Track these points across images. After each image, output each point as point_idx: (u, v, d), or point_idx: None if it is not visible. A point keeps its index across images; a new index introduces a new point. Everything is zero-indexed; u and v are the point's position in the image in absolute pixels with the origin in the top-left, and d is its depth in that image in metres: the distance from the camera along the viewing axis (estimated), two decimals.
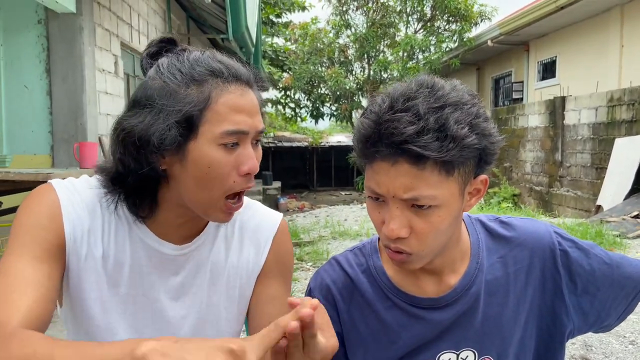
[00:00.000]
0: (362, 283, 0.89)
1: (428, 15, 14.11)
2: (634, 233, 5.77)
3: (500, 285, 0.87)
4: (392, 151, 0.71)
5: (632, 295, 0.92)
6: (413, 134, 0.69)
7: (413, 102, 0.72)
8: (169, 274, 0.90)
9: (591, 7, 8.98)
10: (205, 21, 8.93)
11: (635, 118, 7.54)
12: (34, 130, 4.66)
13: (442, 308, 0.86)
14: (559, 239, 0.89)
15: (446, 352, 0.86)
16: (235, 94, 0.81)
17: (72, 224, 0.84)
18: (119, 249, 0.87)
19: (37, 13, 4.60)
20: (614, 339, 3.07)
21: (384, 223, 0.76)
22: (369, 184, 0.77)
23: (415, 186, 0.72)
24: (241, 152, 0.81)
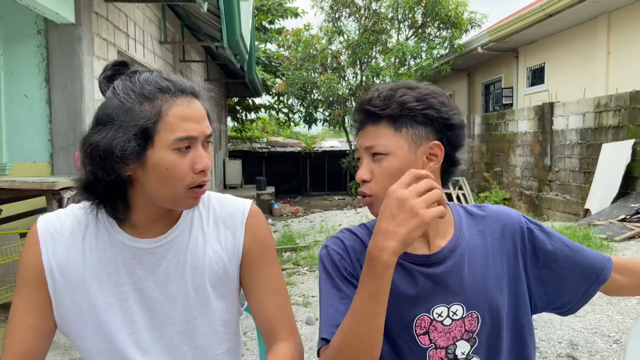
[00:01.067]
0: (368, 242, 1.02)
1: (419, 22, 14.28)
2: (621, 236, 5.92)
3: (480, 252, 1.04)
4: (362, 117, 1.03)
5: (592, 279, 1.07)
6: (368, 99, 1.01)
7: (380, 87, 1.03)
8: (152, 266, 1.02)
9: (579, 15, 9.17)
10: (200, 29, 9.02)
11: (621, 124, 7.72)
12: (34, 139, 4.73)
13: (433, 265, 1.02)
14: (526, 220, 1.09)
15: (439, 306, 1.00)
16: (182, 106, 0.95)
17: (50, 258, 1.00)
18: (101, 254, 1.01)
19: (36, 24, 4.68)
20: (599, 338, 3.19)
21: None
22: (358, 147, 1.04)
23: (374, 138, 1.00)
24: (194, 154, 0.96)
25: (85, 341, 1.01)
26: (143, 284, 1.02)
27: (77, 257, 1.01)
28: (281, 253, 6.04)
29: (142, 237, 1.02)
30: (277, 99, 18.16)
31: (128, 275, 1.02)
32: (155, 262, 1.03)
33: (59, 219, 1.04)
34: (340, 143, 19.69)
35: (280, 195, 16.45)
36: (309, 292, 4.33)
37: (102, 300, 1.00)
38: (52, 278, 1.00)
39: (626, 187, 7.32)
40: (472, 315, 1.01)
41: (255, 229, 1.10)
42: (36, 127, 4.73)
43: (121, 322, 1.01)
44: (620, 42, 8.78)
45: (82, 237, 1.02)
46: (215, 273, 1.06)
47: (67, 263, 1.00)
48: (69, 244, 1.01)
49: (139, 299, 1.02)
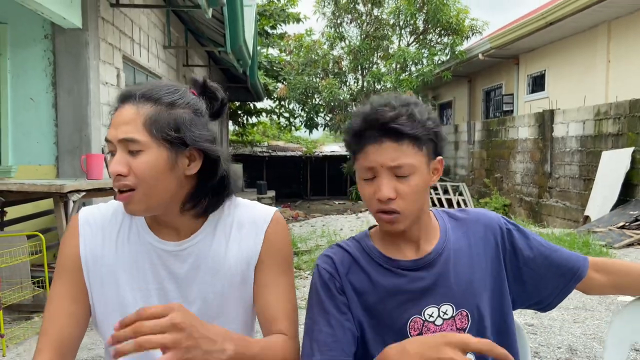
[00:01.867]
0: (358, 257, 1.11)
1: (420, 29, 14.37)
2: (620, 243, 5.96)
3: (465, 253, 1.11)
4: (379, 133, 0.99)
5: (569, 277, 1.14)
6: (393, 117, 0.99)
7: (387, 102, 1.03)
8: (174, 268, 1.07)
9: (579, 23, 9.24)
10: (203, 34, 9.09)
11: (621, 132, 7.77)
12: (39, 142, 4.79)
13: (422, 269, 1.08)
14: (505, 221, 1.16)
15: (429, 307, 1.07)
16: (116, 111, 1.01)
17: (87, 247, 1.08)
18: (132, 250, 1.08)
19: (44, 28, 4.74)
20: (597, 344, 3.23)
21: (375, 193, 1.01)
22: (362, 165, 1.03)
23: (398, 157, 1.00)
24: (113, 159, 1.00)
25: (109, 332, 1.05)
26: (165, 284, 1.08)
27: (110, 250, 1.08)
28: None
29: (166, 239, 1.08)
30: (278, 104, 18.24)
31: (152, 273, 1.08)
32: (176, 265, 1.08)
33: (100, 212, 1.12)
34: (340, 148, 19.74)
35: (281, 200, 16.49)
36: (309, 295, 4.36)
37: (129, 294, 1.07)
38: (87, 267, 1.07)
39: (625, 194, 7.36)
40: (461, 314, 1.07)
41: (274, 236, 1.12)
42: (42, 130, 4.78)
43: None
44: (620, 51, 8.84)
45: (117, 232, 1.09)
46: (235, 277, 1.10)
47: (101, 255, 1.07)
48: (105, 236, 1.09)
49: (161, 297, 1.08)
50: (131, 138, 0.97)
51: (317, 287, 1.09)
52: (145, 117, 0.97)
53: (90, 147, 4.78)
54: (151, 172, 0.98)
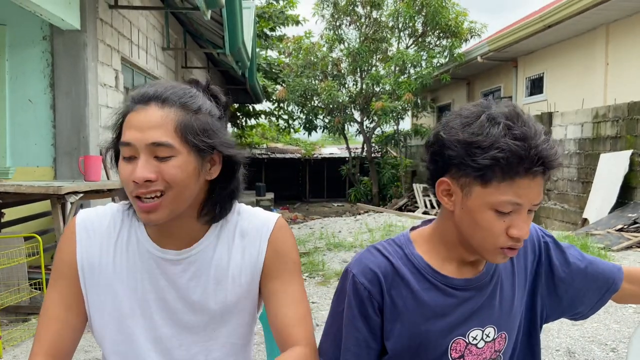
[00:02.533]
0: (401, 268, 1.00)
1: (419, 31, 14.39)
2: (618, 246, 5.96)
3: (509, 271, 1.05)
4: (537, 169, 0.87)
5: (605, 289, 1.10)
6: (559, 154, 0.90)
7: (537, 126, 0.90)
8: (174, 277, 1.04)
9: (577, 26, 9.25)
10: (202, 36, 9.09)
11: (619, 134, 7.78)
12: (37, 143, 4.77)
13: (474, 289, 1.00)
14: (542, 234, 1.10)
15: (474, 329, 1.00)
16: (135, 113, 0.96)
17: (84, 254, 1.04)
18: (129, 259, 1.04)
19: (42, 29, 4.74)
20: (596, 347, 3.22)
21: (509, 228, 0.90)
22: (506, 198, 0.88)
23: (541, 193, 0.91)
24: (134, 164, 0.94)
25: (106, 340, 1.05)
26: (165, 294, 1.05)
27: (108, 259, 1.04)
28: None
29: (166, 248, 1.04)
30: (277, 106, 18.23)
31: (151, 283, 1.04)
32: (177, 274, 1.05)
33: (98, 217, 1.07)
34: (339, 150, 19.74)
35: (280, 202, 16.48)
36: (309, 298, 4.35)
37: (126, 305, 1.03)
38: (83, 274, 1.04)
39: (624, 197, 7.36)
40: (501, 336, 1.03)
41: (278, 243, 1.09)
42: (40, 132, 4.77)
43: (142, 328, 1.04)
44: (619, 54, 8.86)
45: (116, 239, 1.05)
46: (238, 288, 1.07)
47: (98, 263, 1.04)
48: (102, 243, 1.05)
49: (161, 307, 1.05)
50: (164, 142, 0.93)
51: (352, 302, 0.98)
52: (177, 122, 0.94)
53: (89, 148, 4.78)
54: (182, 178, 0.95)
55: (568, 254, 1.09)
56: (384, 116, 13.36)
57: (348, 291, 0.99)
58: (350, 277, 1.00)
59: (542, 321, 1.11)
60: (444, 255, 1.01)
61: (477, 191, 0.90)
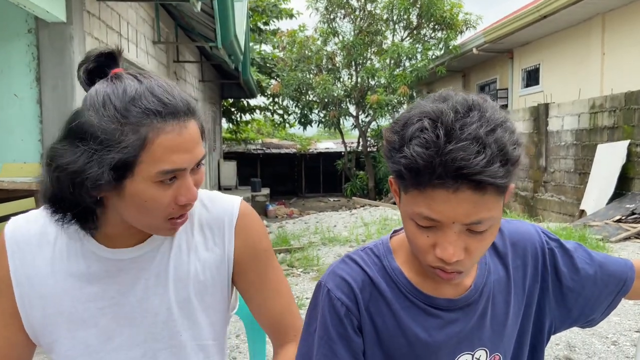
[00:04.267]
0: (379, 282, 0.87)
1: (414, 24, 14.30)
2: (616, 237, 5.90)
3: (504, 284, 0.91)
4: (455, 182, 0.69)
5: (616, 292, 0.98)
6: (485, 165, 0.68)
7: (469, 126, 0.70)
8: (130, 279, 0.93)
9: (573, 16, 9.18)
10: (194, 29, 8.97)
11: (616, 124, 7.72)
12: (24, 139, 4.67)
13: (460, 309, 0.87)
14: (546, 239, 0.96)
15: (464, 354, 0.88)
16: (172, 134, 0.80)
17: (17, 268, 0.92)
18: (72, 266, 0.91)
19: (27, 22, 4.62)
20: (596, 340, 3.16)
21: (435, 246, 0.76)
22: (418, 210, 0.74)
23: (477, 211, 0.72)
24: (180, 185, 0.84)
25: (60, 356, 0.94)
26: (120, 299, 0.93)
27: (45, 268, 0.92)
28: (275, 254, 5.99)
29: (117, 247, 0.92)
30: (272, 101, 18.12)
31: (102, 289, 0.92)
32: (133, 275, 0.93)
33: (28, 224, 0.94)
34: (335, 144, 19.66)
35: (275, 197, 16.40)
36: (303, 293, 4.28)
37: (76, 317, 0.92)
38: (20, 290, 0.92)
39: (621, 187, 7.31)
40: (494, 358, 0.91)
41: (246, 232, 1.00)
42: (27, 127, 4.66)
43: (98, 339, 0.93)
44: (615, 43, 8.79)
45: (53, 245, 0.93)
46: (201, 284, 0.97)
47: (35, 275, 0.92)
48: (37, 253, 0.92)
49: (117, 314, 0.93)
50: (205, 154, 0.89)
51: (327, 321, 0.85)
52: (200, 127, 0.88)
53: None
54: None
55: (576, 259, 0.95)
56: (380, 110, 13.28)
57: (322, 309, 0.86)
58: (325, 292, 0.86)
59: (550, 334, 0.98)
60: (420, 268, 0.87)
61: (402, 196, 0.79)
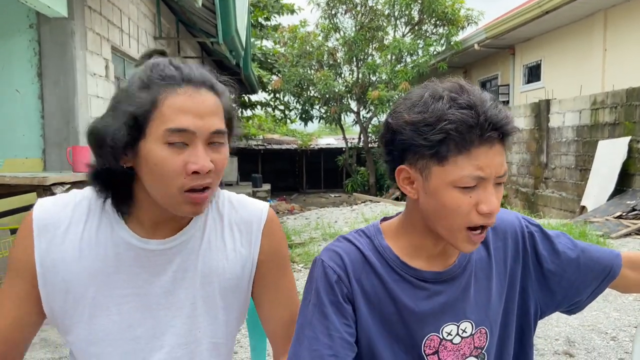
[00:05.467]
0: (371, 257, 0.95)
1: (416, 19, 14.26)
2: (617, 233, 5.91)
3: (486, 263, 0.99)
4: (494, 135, 0.83)
5: (601, 277, 1.02)
6: (508, 117, 0.84)
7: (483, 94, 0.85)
8: (159, 270, 0.94)
9: (575, 11, 9.15)
10: (195, 24, 8.96)
11: (617, 121, 7.71)
12: (26, 134, 4.68)
13: (445, 282, 0.95)
14: (527, 223, 1.03)
15: (448, 324, 0.95)
16: (183, 96, 0.85)
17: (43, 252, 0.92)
18: (100, 251, 0.93)
19: (28, 17, 4.62)
20: (596, 335, 3.17)
21: (477, 204, 0.84)
22: (465, 173, 0.83)
23: (504, 162, 0.86)
24: (190, 152, 0.85)
25: (78, 341, 0.95)
26: (146, 289, 0.95)
27: (73, 253, 0.92)
28: None
29: (148, 238, 0.94)
30: (273, 96, 18.10)
31: (129, 277, 0.94)
32: (162, 266, 0.95)
33: (57, 208, 0.95)
34: (336, 140, 19.65)
35: (276, 193, 16.41)
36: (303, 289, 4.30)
37: (99, 302, 0.93)
38: (44, 273, 0.92)
39: (622, 184, 7.31)
40: (480, 331, 0.97)
41: (271, 237, 1.03)
42: (28, 123, 4.67)
43: (118, 328, 0.94)
44: (617, 39, 8.77)
45: (82, 230, 0.93)
46: (227, 282, 0.99)
47: (61, 259, 0.92)
48: (65, 237, 0.93)
49: (141, 304, 0.95)
50: (223, 130, 0.89)
51: (320, 288, 0.93)
52: (225, 110, 0.90)
53: (78, 139, 4.68)
54: (224, 167, 0.91)
55: (557, 243, 1.01)
56: (381, 106, 13.26)
57: (316, 276, 0.94)
58: (319, 263, 0.95)
59: (537, 317, 1.03)
60: (412, 246, 0.96)
61: (436, 171, 0.85)
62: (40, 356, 2.89)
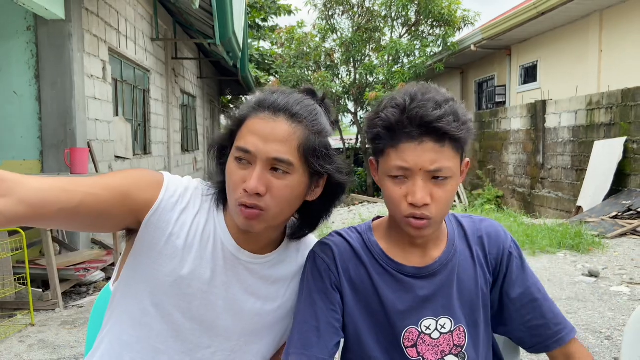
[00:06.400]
0: (359, 250, 1.04)
1: (413, 20, 14.28)
2: (613, 233, 5.94)
3: (469, 265, 1.05)
4: (419, 132, 0.90)
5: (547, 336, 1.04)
6: (439, 116, 0.89)
7: (429, 95, 0.92)
8: (240, 279, 1.02)
9: (571, 13, 9.19)
10: (192, 26, 8.97)
11: (613, 121, 7.75)
12: (23, 136, 4.69)
13: (425, 277, 1.01)
14: (513, 245, 1.08)
15: (427, 319, 1.01)
16: (261, 120, 0.92)
17: (159, 210, 0.96)
18: (203, 245, 0.98)
19: (26, 20, 4.64)
20: (590, 335, 3.20)
21: (407, 196, 0.93)
22: (394, 164, 0.92)
23: (438, 159, 0.91)
24: (249, 171, 0.92)
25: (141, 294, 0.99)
26: (220, 291, 1.01)
27: (182, 230, 0.98)
28: None
29: (242, 247, 1.02)
30: None
31: (213, 276, 1.00)
32: (244, 277, 1.03)
33: (183, 186, 1.00)
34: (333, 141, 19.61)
35: None
36: None
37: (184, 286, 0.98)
38: (149, 223, 0.95)
39: (618, 184, 7.35)
40: (459, 329, 1.01)
41: None
42: (26, 124, 4.69)
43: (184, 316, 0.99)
44: (612, 40, 8.81)
45: (193, 217, 0.99)
46: (286, 310, 1.08)
47: (170, 230, 0.96)
48: (180, 216, 0.98)
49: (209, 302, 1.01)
50: (285, 160, 0.91)
51: (310, 276, 1.02)
52: (302, 141, 0.92)
53: (76, 141, 4.69)
54: (289, 197, 0.94)
55: (527, 276, 1.05)
56: None
57: (308, 266, 1.04)
58: (311, 255, 1.06)
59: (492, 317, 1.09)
60: (395, 241, 1.04)
61: (380, 162, 0.97)
62: (39, 357, 2.90)
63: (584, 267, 4.65)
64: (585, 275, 4.40)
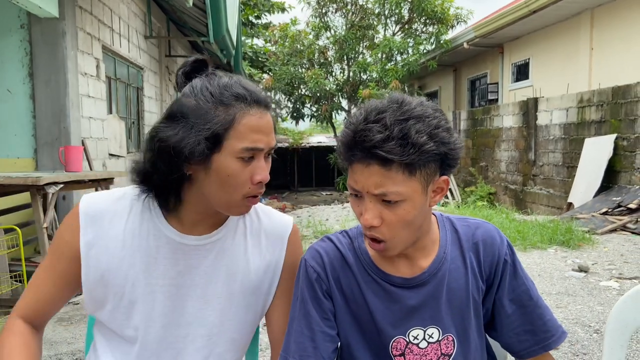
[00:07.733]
0: (349, 258, 1.04)
1: (406, 18, 14.33)
2: (603, 229, 6.02)
3: (461, 274, 1.03)
4: (365, 155, 0.87)
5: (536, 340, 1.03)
6: (380, 141, 0.86)
7: (383, 114, 0.88)
8: (194, 264, 1.04)
9: (562, 11, 9.27)
10: (186, 24, 8.96)
11: (603, 118, 7.84)
12: (17, 134, 4.68)
13: (413, 288, 1.01)
14: (508, 251, 1.06)
15: (415, 329, 1.01)
16: (255, 117, 0.96)
17: (88, 240, 1.02)
18: (142, 243, 1.02)
19: (19, 18, 4.63)
20: (579, 328, 3.26)
21: (361, 214, 0.93)
22: (349, 182, 0.93)
23: (384, 184, 0.88)
24: (255, 165, 0.97)
25: (112, 321, 1.04)
26: (181, 280, 1.04)
27: (116, 243, 1.02)
28: None
29: (186, 234, 1.03)
30: None
31: (166, 269, 1.03)
32: (195, 261, 1.04)
33: (100, 201, 1.04)
34: (327, 139, 19.69)
35: (268, 191, 16.43)
36: None
37: (137, 290, 1.02)
38: (88, 260, 1.01)
39: (608, 181, 7.44)
40: (447, 339, 1.01)
41: (294, 247, 1.14)
42: (20, 123, 4.68)
43: (148, 315, 1.02)
44: (603, 38, 8.90)
45: (125, 222, 1.03)
46: (250, 283, 1.08)
47: (105, 248, 1.01)
48: (109, 229, 1.02)
49: (172, 294, 1.03)
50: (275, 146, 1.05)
51: (302, 285, 1.03)
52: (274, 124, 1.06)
53: (70, 139, 4.70)
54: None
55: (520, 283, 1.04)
56: None
57: (300, 275, 1.05)
58: (303, 263, 1.05)
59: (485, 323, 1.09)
60: None
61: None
62: None
63: (574, 263, 4.71)
64: (575, 270, 4.46)
